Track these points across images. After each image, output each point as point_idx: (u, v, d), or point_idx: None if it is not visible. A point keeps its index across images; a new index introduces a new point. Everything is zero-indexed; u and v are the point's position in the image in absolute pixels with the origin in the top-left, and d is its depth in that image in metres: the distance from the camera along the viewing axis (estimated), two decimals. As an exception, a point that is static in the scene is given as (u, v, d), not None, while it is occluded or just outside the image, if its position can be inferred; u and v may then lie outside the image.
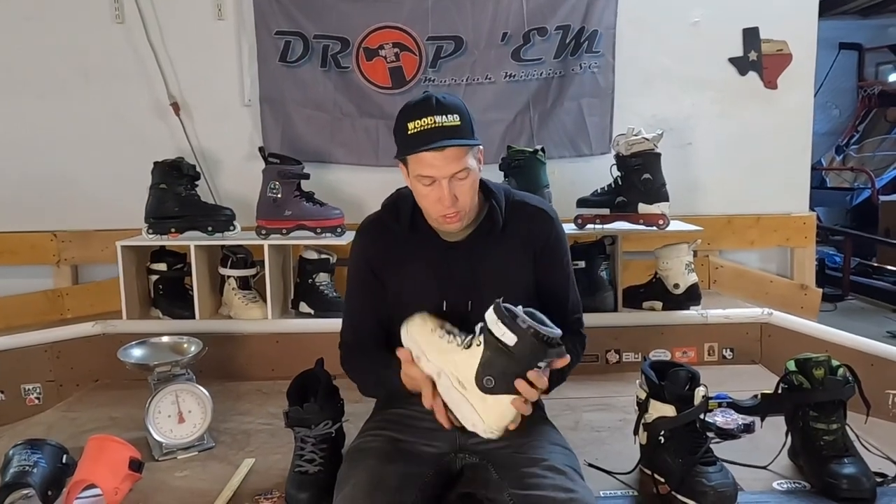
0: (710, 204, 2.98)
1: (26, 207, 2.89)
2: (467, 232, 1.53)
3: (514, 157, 2.52)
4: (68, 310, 2.86)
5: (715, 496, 1.41)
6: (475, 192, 1.48)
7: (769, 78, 2.94)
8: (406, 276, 1.54)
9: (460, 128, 1.40)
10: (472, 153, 1.44)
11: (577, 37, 2.83)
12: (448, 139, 1.39)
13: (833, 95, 6.38)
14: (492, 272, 1.50)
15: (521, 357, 1.25)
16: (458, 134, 1.40)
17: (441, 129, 1.39)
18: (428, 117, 1.39)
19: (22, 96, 2.85)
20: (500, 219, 1.51)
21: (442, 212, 1.45)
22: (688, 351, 2.45)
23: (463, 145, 1.40)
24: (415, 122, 1.40)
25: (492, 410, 1.28)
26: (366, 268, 1.57)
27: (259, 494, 1.56)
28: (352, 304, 1.62)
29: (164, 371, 1.83)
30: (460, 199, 1.44)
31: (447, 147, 1.39)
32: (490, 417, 1.28)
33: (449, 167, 1.40)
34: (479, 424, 1.29)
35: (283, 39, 2.82)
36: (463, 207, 1.45)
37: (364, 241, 1.60)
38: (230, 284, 2.53)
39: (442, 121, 1.39)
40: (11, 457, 1.55)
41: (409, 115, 1.41)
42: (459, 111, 1.42)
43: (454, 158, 1.40)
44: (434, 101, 1.41)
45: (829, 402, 1.54)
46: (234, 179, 2.89)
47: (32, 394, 2.37)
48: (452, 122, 1.40)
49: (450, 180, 1.41)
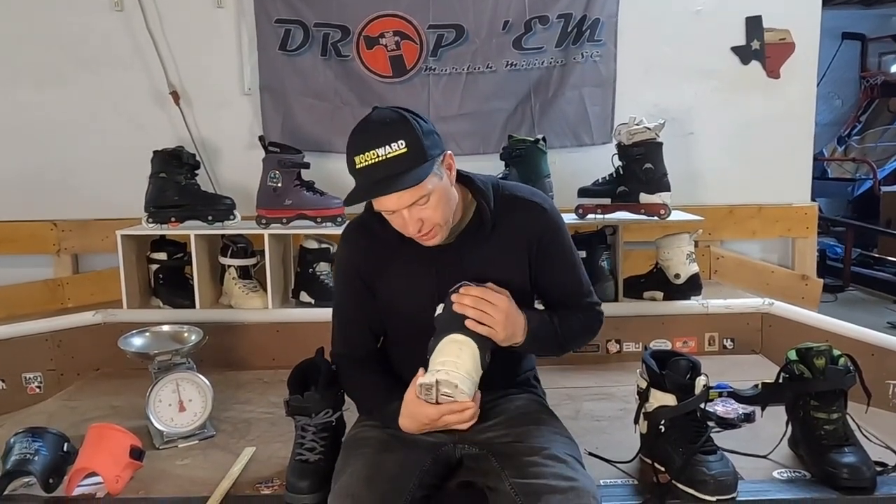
0: (711, 194, 2.97)
1: (26, 196, 2.89)
2: (455, 232, 1.47)
3: (515, 147, 2.51)
4: (69, 299, 2.86)
5: (715, 485, 1.41)
6: (446, 205, 1.38)
7: (772, 67, 2.93)
8: (396, 282, 1.50)
9: (407, 157, 1.29)
10: (432, 173, 1.32)
11: (578, 25, 2.82)
12: (396, 175, 1.28)
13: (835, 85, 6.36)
14: (482, 272, 1.44)
15: (447, 305, 1.39)
16: (406, 165, 1.29)
17: (385, 163, 1.28)
18: (370, 151, 1.29)
19: (21, 85, 2.85)
20: (488, 217, 1.46)
21: (412, 233, 1.39)
22: (688, 341, 2.45)
23: (411, 185, 1.29)
24: (360, 157, 1.30)
25: (438, 356, 1.35)
26: (354, 274, 1.53)
27: (260, 482, 1.56)
28: (342, 314, 1.58)
29: (164, 360, 1.83)
30: (427, 221, 1.36)
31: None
32: (437, 362, 1.34)
33: (405, 201, 1.32)
34: (429, 376, 1.33)
35: (283, 27, 2.80)
36: (433, 225, 1.38)
37: (350, 247, 1.54)
38: (230, 274, 2.52)
39: (385, 153, 1.28)
40: (12, 445, 1.55)
41: (355, 147, 1.32)
42: (405, 134, 1.30)
43: (408, 193, 1.31)
44: (375, 126, 1.32)
45: (830, 392, 1.53)
46: (234, 168, 2.88)
47: (33, 382, 2.38)
48: (398, 152, 1.28)
49: (410, 209, 1.34)
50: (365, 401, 1.53)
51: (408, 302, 1.50)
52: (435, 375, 1.33)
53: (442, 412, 1.35)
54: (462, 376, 1.33)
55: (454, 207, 1.43)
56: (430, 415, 1.36)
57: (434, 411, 1.35)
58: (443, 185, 1.37)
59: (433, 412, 1.35)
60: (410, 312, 1.49)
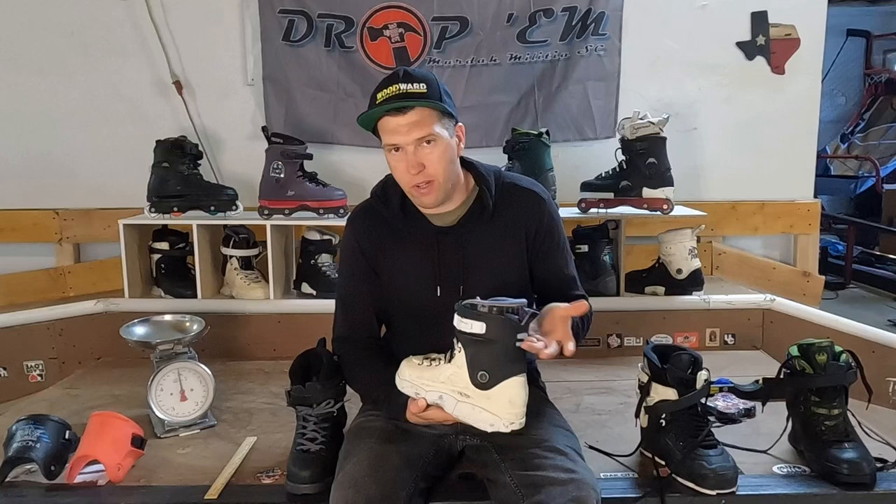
0: (714, 189, 2.97)
1: (28, 184, 2.88)
2: (457, 216, 1.51)
3: (519, 140, 2.50)
4: (70, 288, 2.86)
5: (715, 479, 1.42)
6: (448, 163, 1.44)
7: (776, 63, 2.91)
8: (400, 263, 1.53)
9: (426, 94, 1.39)
10: (441, 122, 1.42)
11: (583, 19, 2.80)
12: (411, 99, 1.38)
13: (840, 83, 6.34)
14: (482, 257, 1.48)
15: (497, 338, 1.24)
16: (422, 98, 1.39)
17: (405, 94, 1.38)
18: (393, 85, 1.39)
19: (24, 73, 2.83)
20: (489, 202, 1.49)
21: (411, 181, 1.43)
22: (689, 336, 2.45)
23: (424, 105, 1.38)
24: (382, 92, 1.40)
25: (499, 401, 1.27)
26: (360, 256, 1.55)
27: (261, 472, 1.57)
28: (346, 296, 1.60)
29: (166, 349, 1.83)
30: (428, 166, 1.41)
31: (407, 108, 1.38)
32: (501, 409, 1.28)
33: (412, 132, 1.39)
34: (496, 422, 1.28)
35: (286, 18, 2.79)
36: (434, 176, 1.42)
37: (356, 230, 1.58)
38: (232, 264, 2.52)
39: (407, 88, 1.38)
40: (14, 432, 1.56)
41: (379, 87, 1.42)
42: (427, 81, 1.41)
43: (417, 123, 1.39)
44: (403, 71, 1.41)
45: (831, 388, 1.53)
46: (237, 159, 2.88)
47: (35, 371, 2.38)
48: (418, 90, 1.39)
49: (415, 147, 1.40)
50: (370, 390, 1.54)
51: (410, 283, 1.52)
52: (510, 427, 1.28)
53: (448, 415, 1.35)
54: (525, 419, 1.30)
55: (456, 173, 1.47)
56: (435, 417, 1.37)
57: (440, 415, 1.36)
58: (450, 142, 1.44)
59: (439, 415, 1.36)
60: (412, 293, 1.51)
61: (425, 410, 1.36)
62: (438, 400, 1.33)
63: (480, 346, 1.25)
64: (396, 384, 1.40)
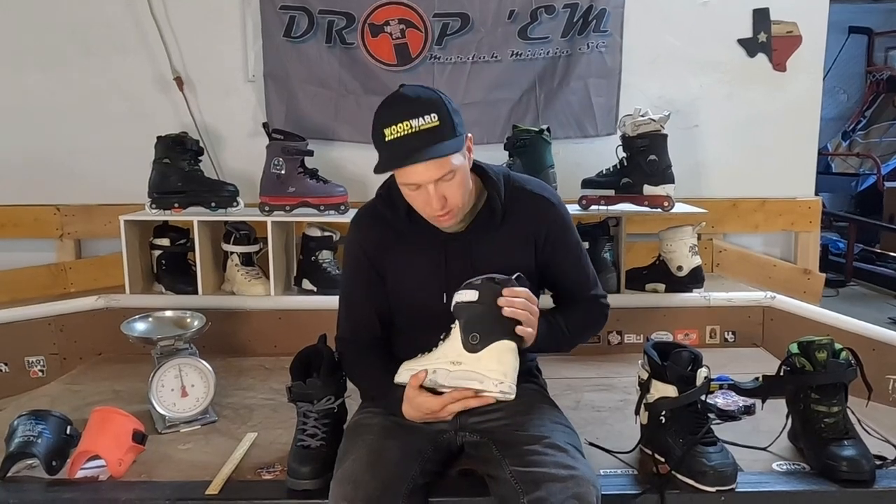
0: (715, 187, 2.97)
1: (29, 180, 2.88)
2: (466, 221, 1.49)
3: (520, 137, 2.50)
4: (71, 284, 2.86)
5: (715, 476, 1.42)
6: (466, 187, 1.41)
7: (778, 60, 2.91)
8: (406, 269, 1.51)
9: (439, 129, 1.31)
10: (456, 152, 1.36)
11: (584, 15, 2.80)
12: (428, 146, 1.30)
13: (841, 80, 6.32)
14: (490, 262, 1.45)
15: (487, 301, 1.33)
16: (437, 137, 1.31)
17: (418, 134, 1.30)
18: (404, 122, 1.30)
19: (26, 69, 2.83)
20: (499, 208, 1.48)
21: (432, 214, 1.40)
22: (690, 333, 2.45)
23: (444, 155, 1.32)
24: (391, 129, 1.31)
25: (489, 363, 1.33)
26: (364, 259, 1.54)
27: (261, 468, 1.57)
28: (350, 298, 1.59)
29: (167, 345, 1.83)
30: (450, 199, 1.38)
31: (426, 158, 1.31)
32: (492, 369, 1.32)
33: (432, 174, 1.33)
34: (486, 381, 1.32)
35: (287, 14, 2.79)
36: (454, 206, 1.39)
37: (361, 232, 1.56)
38: (233, 261, 2.53)
39: (419, 124, 1.30)
40: (16, 427, 1.57)
41: (385, 119, 1.33)
42: (437, 108, 1.32)
43: (437, 165, 1.33)
44: (407, 99, 1.33)
45: (830, 385, 1.54)
46: (238, 155, 2.88)
47: (36, 366, 2.39)
48: (430, 124, 1.30)
49: (436, 184, 1.35)
50: (368, 387, 1.54)
51: (416, 289, 1.51)
52: (498, 387, 1.32)
53: (444, 402, 1.36)
54: (515, 389, 1.34)
55: (470, 189, 1.45)
56: (432, 406, 1.37)
57: (436, 403, 1.36)
58: (465, 165, 1.40)
59: (435, 403, 1.36)
60: (418, 299, 1.50)
61: (420, 395, 1.37)
62: (433, 375, 1.36)
63: (473, 311, 1.34)
64: (395, 381, 1.41)
